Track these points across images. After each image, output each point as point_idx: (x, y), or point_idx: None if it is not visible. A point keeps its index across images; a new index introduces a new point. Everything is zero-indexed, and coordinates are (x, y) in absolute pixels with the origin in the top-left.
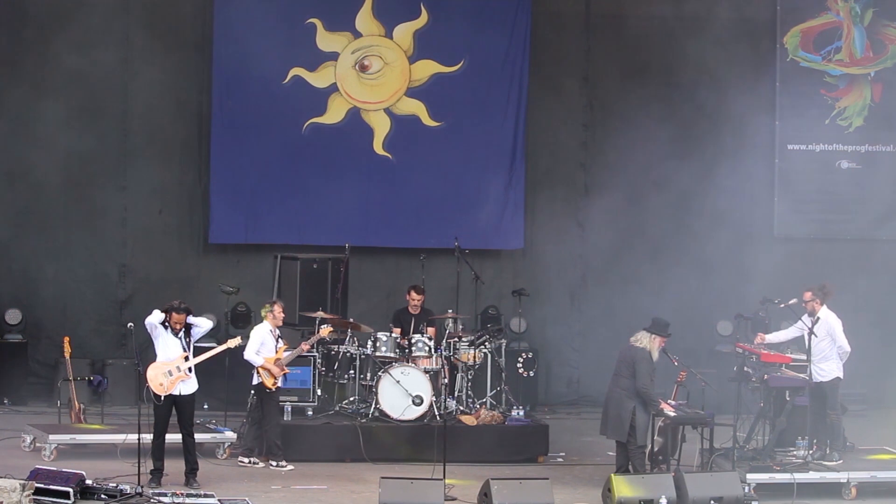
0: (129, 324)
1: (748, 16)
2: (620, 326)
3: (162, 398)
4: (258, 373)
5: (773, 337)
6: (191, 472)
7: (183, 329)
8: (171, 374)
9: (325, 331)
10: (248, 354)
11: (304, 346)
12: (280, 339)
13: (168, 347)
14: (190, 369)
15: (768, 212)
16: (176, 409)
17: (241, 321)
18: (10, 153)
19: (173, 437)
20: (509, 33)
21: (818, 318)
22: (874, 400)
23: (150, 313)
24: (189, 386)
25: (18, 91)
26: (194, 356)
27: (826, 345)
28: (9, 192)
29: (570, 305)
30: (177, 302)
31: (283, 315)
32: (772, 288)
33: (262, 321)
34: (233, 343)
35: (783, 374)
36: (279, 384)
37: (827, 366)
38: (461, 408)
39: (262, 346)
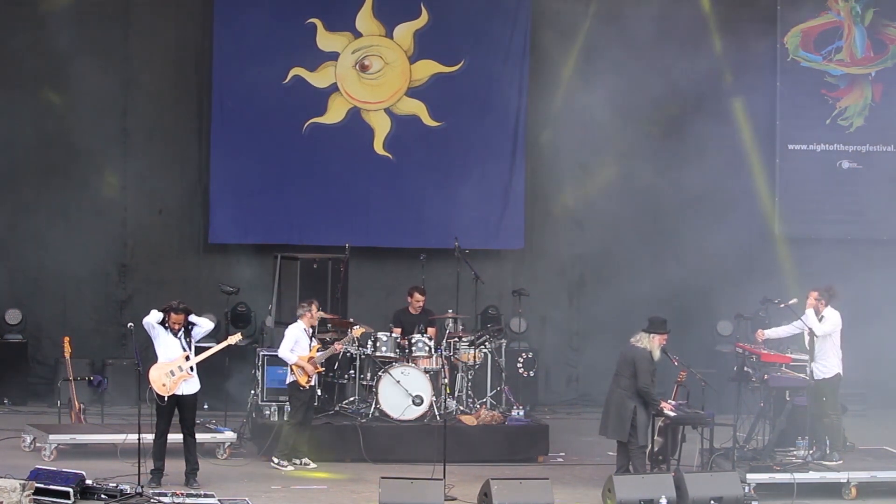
0: (129, 324)
1: (748, 16)
2: (620, 326)
3: (165, 398)
4: (292, 370)
5: (773, 332)
6: (191, 472)
7: (182, 329)
8: (173, 374)
9: (357, 331)
10: (283, 352)
11: (338, 346)
12: (314, 339)
13: (168, 348)
14: (192, 368)
15: (769, 212)
16: (179, 409)
17: (241, 321)
18: (10, 153)
19: (174, 437)
20: (509, 33)
21: (822, 317)
22: (874, 400)
23: (149, 313)
24: (192, 385)
25: (17, 90)
26: (195, 355)
27: (828, 343)
28: (9, 191)
29: (570, 305)
30: (175, 302)
31: (319, 314)
32: (772, 288)
33: (262, 322)
34: (233, 340)
35: (783, 374)
36: (312, 382)
37: (829, 362)
38: (461, 408)
39: (297, 344)
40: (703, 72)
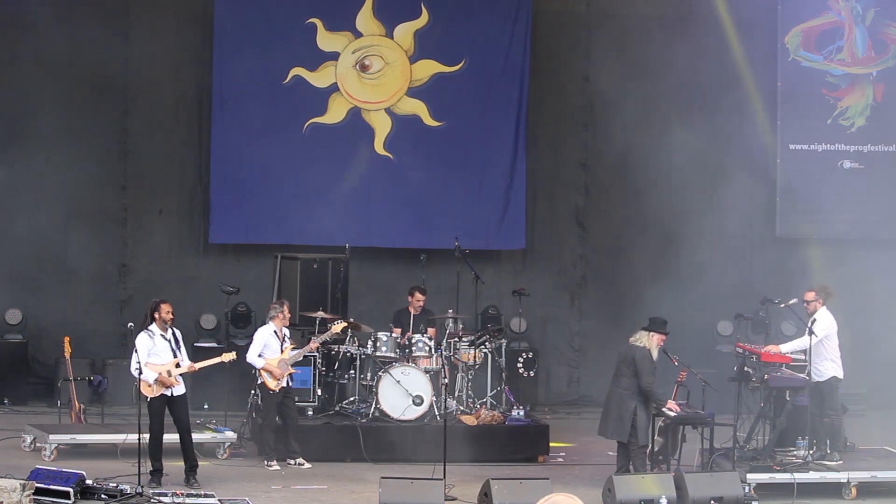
0: (130, 324)
1: (749, 15)
2: (620, 326)
3: (149, 399)
4: (260, 374)
5: (787, 347)
6: (191, 469)
7: (172, 332)
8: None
9: (338, 326)
10: (250, 357)
11: (313, 345)
12: (287, 339)
13: (159, 352)
14: (180, 376)
15: (770, 211)
16: (170, 410)
17: (241, 321)
18: (10, 153)
19: (173, 438)
20: (510, 33)
21: (814, 320)
22: (874, 400)
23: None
24: (178, 389)
25: (18, 91)
26: (193, 360)
27: (820, 347)
28: (9, 191)
29: (570, 305)
30: (156, 299)
31: (290, 315)
32: (772, 288)
33: (264, 322)
34: (227, 358)
35: (783, 374)
36: (283, 385)
37: (823, 366)
38: (461, 408)
39: (266, 347)
40: (703, 72)
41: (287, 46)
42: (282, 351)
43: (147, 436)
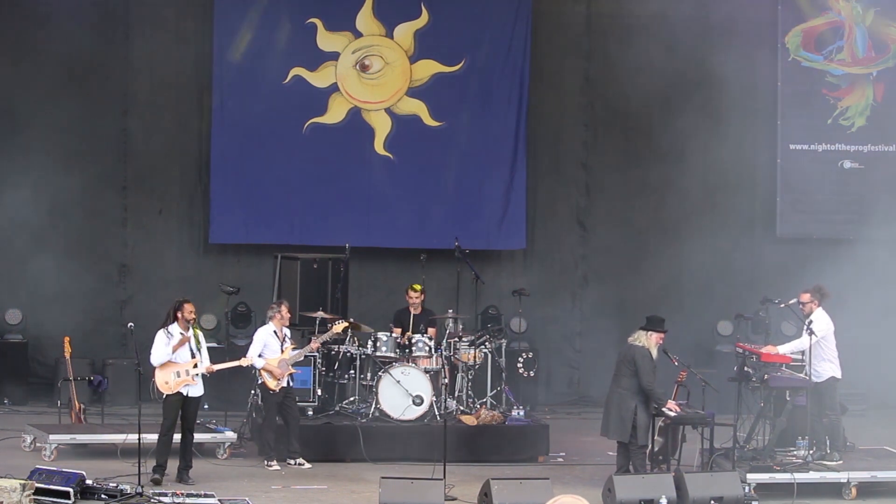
0: (130, 324)
1: (749, 16)
2: (621, 327)
3: (165, 396)
4: (260, 374)
5: (785, 348)
6: (184, 468)
7: (194, 333)
8: (178, 376)
9: (339, 326)
10: (251, 357)
11: (313, 345)
12: (287, 339)
13: (178, 351)
14: (197, 376)
15: (770, 212)
16: (182, 409)
17: (242, 321)
18: (10, 152)
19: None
20: (510, 33)
21: (811, 321)
22: (874, 400)
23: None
24: (197, 390)
25: (18, 91)
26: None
27: (818, 348)
28: (8, 191)
29: (571, 305)
30: (180, 297)
31: (290, 315)
32: (772, 288)
33: (264, 323)
34: (245, 362)
35: (783, 374)
36: (283, 385)
37: (821, 367)
38: (461, 408)
39: (266, 347)
40: (703, 71)
41: (287, 46)
42: (282, 351)
43: (150, 435)
